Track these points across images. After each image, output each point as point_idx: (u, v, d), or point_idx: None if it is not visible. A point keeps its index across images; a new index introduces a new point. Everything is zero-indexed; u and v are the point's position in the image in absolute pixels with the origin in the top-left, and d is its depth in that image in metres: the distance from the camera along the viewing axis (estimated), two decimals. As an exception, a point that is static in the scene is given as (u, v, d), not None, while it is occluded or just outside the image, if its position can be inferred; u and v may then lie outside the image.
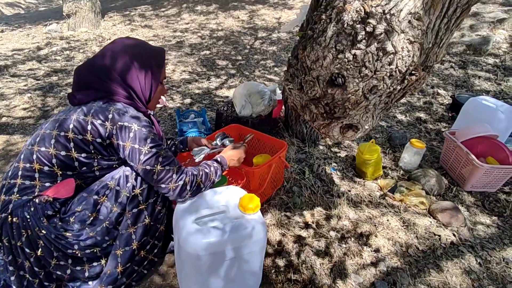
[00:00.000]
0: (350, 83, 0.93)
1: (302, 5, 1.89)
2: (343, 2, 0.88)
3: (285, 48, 4.40)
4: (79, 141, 1.04)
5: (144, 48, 1.14)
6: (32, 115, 2.56)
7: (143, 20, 5.62)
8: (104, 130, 1.03)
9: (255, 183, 1.58)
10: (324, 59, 0.93)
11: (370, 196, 1.87)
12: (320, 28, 0.94)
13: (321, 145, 2.34)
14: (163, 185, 1.07)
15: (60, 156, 1.04)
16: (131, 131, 1.03)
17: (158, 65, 1.16)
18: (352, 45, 0.89)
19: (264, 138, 1.84)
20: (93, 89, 1.07)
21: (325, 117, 1.07)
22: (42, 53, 4.04)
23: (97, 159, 1.08)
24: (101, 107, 1.05)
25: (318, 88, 1.01)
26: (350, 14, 0.86)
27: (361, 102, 0.97)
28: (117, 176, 1.08)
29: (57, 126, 1.06)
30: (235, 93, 2.25)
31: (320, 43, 0.93)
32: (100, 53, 1.11)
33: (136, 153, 1.03)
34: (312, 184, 1.89)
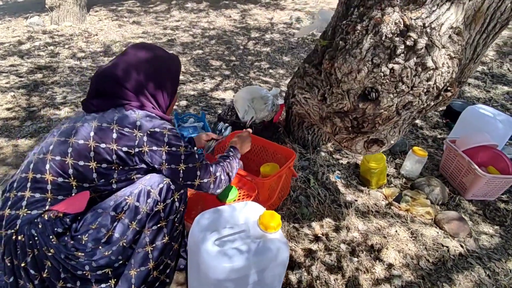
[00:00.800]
0: (384, 98, 0.89)
1: (319, 10, 1.84)
2: (381, 13, 0.83)
3: (279, 49, 4.35)
4: (101, 150, 0.97)
5: (163, 57, 1.12)
6: (17, 115, 2.39)
7: (131, 16, 5.43)
8: (133, 138, 0.98)
9: (265, 194, 1.52)
10: (358, 73, 0.88)
11: (377, 206, 1.85)
12: (355, 39, 0.89)
13: (323, 151, 2.30)
14: (205, 179, 1.11)
15: (78, 166, 0.96)
16: (164, 136, 1.01)
17: (177, 74, 1.16)
18: (389, 58, 0.85)
19: (271, 146, 1.79)
20: (114, 96, 1.03)
21: (351, 131, 1.03)
22: (24, 48, 3.80)
23: (117, 170, 1.00)
24: (125, 114, 1.01)
25: (347, 101, 0.96)
26: (389, 26, 0.82)
27: (393, 118, 0.93)
28: (136, 191, 0.99)
29: (74, 133, 0.99)
30: (237, 97, 2.18)
31: (355, 55, 0.88)
32: (120, 61, 1.06)
33: (176, 155, 1.03)
34: (318, 193, 1.85)
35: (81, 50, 3.89)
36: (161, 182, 1.01)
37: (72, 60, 3.58)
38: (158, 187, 1.00)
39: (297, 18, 5.26)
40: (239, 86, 3.32)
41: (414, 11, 0.81)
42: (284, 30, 4.96)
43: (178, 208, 1.06)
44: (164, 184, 1.01)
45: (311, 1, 6.13)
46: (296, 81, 1.47)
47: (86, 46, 4.03)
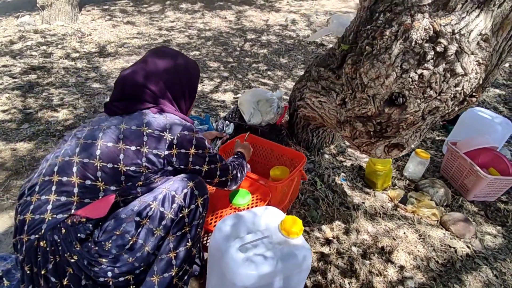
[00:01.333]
0: (411, 104, 0.90)
1: (333, 15, 1.84)
2: (411, 19, 0.84)
3: (275, 51, 4.35)
4: (131, 153, 0.96)
5: (184, 63, 1.14)
6: (13, 118, 2.31)
7: (125, 16, 5.34)
8: (163, 141, 0.99)
9: (277, 198, 1.51)
10: (386, 78, 0.89)
11: (383, 208, 1.87)
12: (383, 45, 0.89)
13: (326, 153, 2.31)
14: (224, 178, 1.17)
15: (106, 168, 0.95)
16: (192, 138, 1.04)
17: (197, 79, 1.19)
18: (418, 64, 0.85)
19: (281, 149, 1.78)
20: (139, 99, 1.04)
21: (372, 135, 1.03)
22: (15, 48, 3.69)
23: (145, 172, 0.99)
24: (153, 117, 1.02)
25: (372, 106, 0.96)
26: (419, 32, 0.82)
27: (417, 123, 0.94)
28: (161, 197, 0.97)
29: (101, 136, 0.97)
30: (242, 100, 2.16)
31: (383, 61, 0.88)
32: (144, 65, 1.07)
33: (202, 157, 1.07)
34: (326, 196, 1.85)
35: (75, 51, 3.80)
36: (185, 187, 1.00)
37: (66, 60, 3.50)
38: (182, 192, 0.99)
39: (293, 20, 5.28)
40: (238, 88, 3.30)
41: (443, 17, 0.82)
42: (280, 32, 4.97)
43: (202, 213, 1.05)
44: (188, 189, 1.00)
45: (305, 3, 6.16)
46: (307, 84, 1.46)
47: (80, 46, 3.94)
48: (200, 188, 1.03)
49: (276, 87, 3.42)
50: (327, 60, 1.21)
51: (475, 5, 0.81)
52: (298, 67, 3.94)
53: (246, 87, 3.36)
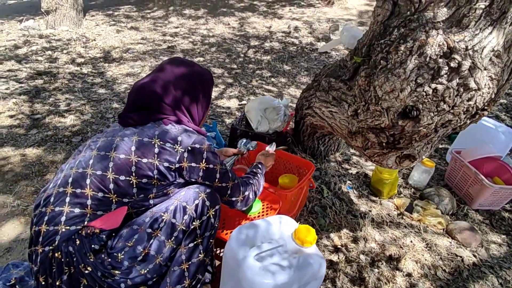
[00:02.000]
0: (425, 117, 0.92)
1: (344, 26, 1.88)
2: (426, 35, 0.86)
3: (279, 58, 4.39)
4: (142, 165, 0.96)
5: (200, 74, 1.15)
6: (21, 123, 2.33)
7: (129, 21, 5.38)
8: (174, 153, 0.99)
9: (286, 206, 1.53)
10: (401, 91, 0.91)
11: (390, 216, 1.89)
12: (398, 59, 0.92)
13: (332, 161, 2.33)
14: (234, 198, 1.14)
15: (119, 180, 0.95)
16: (202, 152, 1.02)
17: (211, 89, 1.19)
18: (432, 79, 0.88)
19: (289, 157, 1.80)
20: (152, 110, 1.04)
21: (384, 146, 1.05)
22: (20, 52, 3.72)
23: (157, 185, 0.99)
24: (165, 129, 1.01)
25: (385, 118, 0.98)
26: (433, 48, 0.85)
27: (430, 135, 0.97)
28: (172, 208, 0.98)
29: (114, 147, 0.98)
30: (249, 107, 2.19)
31: (398, 75, 0.91)
32: (158, 76, 1.07)
33: (212, 172, 1.05)
34: (333, 204, 1.87)
35: (80, 56, 3.83)
36: (196, 197, 1.01)
37: (72, 65, 3.52)
38: (193, 203, 1.00)
39: (295, 27, 5.33)
40: (243, 94, 3.33)
41: (457, 34, 0.85)
42: (283, 38, 5.01)
43: (214, 224, 1.06)
44: (200, 199, 1.01)
45: (308, 10, 6.23)
46: (316, 94, 1.49)
47: (85, 52, 3.97)
48: (211, 199, 1.04)
49: (280, 94, 3.45)
50: (338, 71, 1.24)
51: (488, 23, 0.84)
52: (301, 74, 3.98)
53: (251, 93, 3.39)
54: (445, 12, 0.88)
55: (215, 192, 1.08)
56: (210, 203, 1.03)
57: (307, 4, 6.59)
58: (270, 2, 6.73)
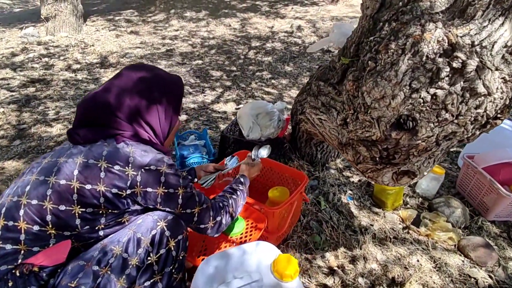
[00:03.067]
0: (423, 128, 0.76)
1: (334, 23, 1.72)
2: (421, 30, 0.70)
3: (280, 59, 4.24)
4: (86, 192, 0.82)
5: (164, 79, 0.99)
6: (5, 134, 2.24)
7: (129, 25, 5.32)
8: (125, 178, 0.84)
9: (275, 224, 1.38)
10: (392, 98, 0.75)
11: (394, 231, 1.71)
12: (388, 60, 0.76)
13: (332, 168, 2.16)
14: (203, 225, 0.99)
15: (58, 211, 0.81)
16: (160, 174, 0.87)
17: (179, 98, 1.02)
18: (431, 83, 0.72)
19: (281, 168, 1.65)
20: (102, 126, 0.89)
21: (378, 161, 0.89)
22: (17, 60, 3.68)
23: (106, 214, 0.85)
24: (115, 148, 0.86)
25: (377, 130, 0.83)
26: (431, 45, 0.69)
27: (431, 149, 0.80)
28: (125, 240, 0.84)
29: (56, 171, 0.84)
30: (241, 113, 2.04)
31: (388, 79, 0.75)
32: (112, 85, 0.93)
33: (173, 198, 0.91)
34: (331, 218, 1.71)
35: (77, 62, 3.77)
36: (153, 227, 0.86)
37: (67, 72, 3.45)
38: (150, 234, 0.85)
39: (298, 27, 5.16)
40: (241, 98, 3.19)
41: (460, 27, 0.69)
42: (285, 39, 4.86)
43: (176, 257, 0.91)
44: (158, 229, 0.87)
45: (311, 9, 6.05)
46: (307, 99, 1.33)
47: (82, 58, 3.91)
48: (173, 228, 0.89)
49: (280, 96, 3.30)
50: (327, 74, 1.08)
51: (498, 12, 0.67)
52: (303, 74, 3.82)
53: (249, 96, 3.25)
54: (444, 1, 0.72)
55: (178, 220, 0.93)
56: (171, 233, 0.89)
57: (310, 3, 6.42)
58: (272, 2, 6.58)
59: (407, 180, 0.94)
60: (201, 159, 1.87)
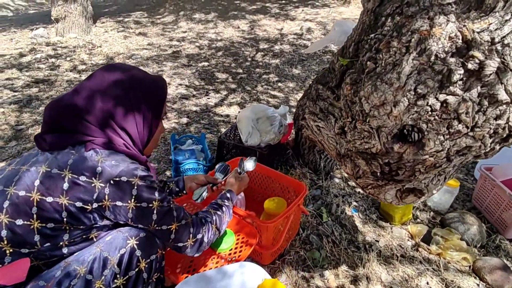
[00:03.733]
0: (431, 141, 0.64)
1: (336, 21, 1.61)
2: (429, 24, 0.59)
3: (288, 61, 4.13)
4: (46, 205, 0.74)
5: (141, 79, 0.89)
6: (2, 135, 2.21)
7: (138, 27, 5.32)
8: (91, 190, 0.75)
9: (269, 239, 1.27)
10: (394, 106, 0.64)
11: (401, 248, 1.57)
12: (390, 60, 0.64)
13: (337, 177, 2.04)
14: (181, 243, 0.89)
15: (14, 226, 0.73)
16: (132, 187, 0.78)
17: (160, 100, 0.92)
18: (440, 87, 0.60)
19: (280, 178, 1.54)
20: (71, 131, 0.80)
21: (379, 177, 0.78)
22: (24, 61, 3.69)
23: (69, 230, 0.76)
24: (83, 157, 0.77)
25: (377, 142, 0.71)
26: (441, 42, 0.58)
27: (440, 165, 0.68)
28: (90, 259, 0.75)
29: (16, 180, 0.76)
30: (240, 117, 1.94)
31: (390, 82, 0.64)
32: (83, 86, 0.84)
33: (146, 213, 0.81)
34: (332, 232, 1.58)
35: (83, 63, 3.75)
36: (123, 245, 0.77)
37: (72, 73, 3.44)
38: (118, 253, 0.76)
39: (308, 29, 5.05)
40: (245, 101, 3.10)
41: (477, 21, 0.57)
42: (294, 41, 4.75)
43: (148, 280, 0.81)
44: (127, 248, 0.77)
45: (322, 11, 5.92)
46: (307, 103, 1.22)
47: (88, 58, 3.90)
48: (145, 247, 0.80)
49: (287, 100, 3.19)
50: (327, 76, 0.96)
51: (525, 3, 0.55)
52: (311, 78, 3.70)
53: (254, 100, 3.15)
54: (458, -11, 0.61)
55: (152, 237, 0.84)
56: (143, 252, 0.79)
57: (321, 5, 6.30)
58: (282, 4, 6.48)
59: (413, 199, 0.81)
60: (197, 165, 1.78)
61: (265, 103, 3.08)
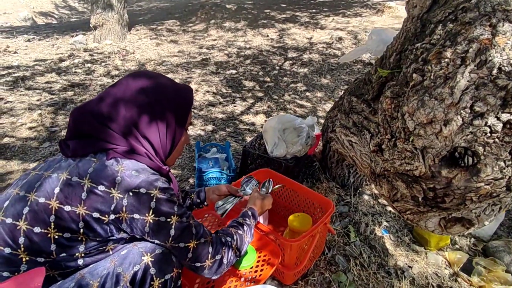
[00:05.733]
0: (488, 167, 0.55)
1: (373, 29, 1.53)
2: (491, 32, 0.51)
3: (317, 70, 4.05)
4: (65, 214, 0.72)
5: (166, 87, 0.87)
6: (37, 136, 2.30)
7: (170, 34, 5.47)
8: (109, 200, 0.73)
9: (292, 258, 1.19)
10: (445, 124, 0.56)
11: (438, 277, 1.43)
12: (441, 72, 0.57)
13: (366, 194, 1.92)
14: (199, 263, 0.84)
15: (32, 233, 0.71)
16: (151, 199, 0.75)
17: (184, 109, 0.89)
18: (503, 106, 0.52)
19: (304, 192, 1.46)
20: (93, 138, 0.79)
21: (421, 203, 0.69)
22: (63, 65, 3.88)
23: (85, 242, 0.74)
24: (103, 165, 0.76)
25: (421, 164, 0.63)
26: (505, 54, 0.49)
27: (498, 195, 0.59)
28: (104, 273, 0.72)
29: (37, 186, 0.75)
30: (267, 126, 1.89)
31: (440, 98, 0.56)
32: (107, 93, 0.83)
33: (163, 228, 0.77)
34: (360, 253, 1.47)
35: (116, 68, 3.89)
36: (137, 262, 0.73)
37: (105, 78, 3.56)
38: (131, 270, 0.72)
39: (339, 38, 4.95)
40: (272, 109, 3.05)
41: (554, 28, 0.48)
42: (323, 50, 4.67)
43: None
44: (141, 266, 0.74)
45: (353, 20, 5.80)
46: (338, 116, 1.15)
47: (121, 64, 4.03)
48: (160, 265, 0.76)
49: (314, 110, 3.11)
50: (362, 88, 0.89)
51: None
52: (340, 88, 3.59)
53: (281, 109, 3.10)
54: (528, -7, 0.52)
55: (169, 254, 0.79)
56: (157, 270, 0.75)
57: (353, 14, 6.17)
58: (313, 13, 6.43)
59: (460, 230, 0.71)
60: (220, 174, 1.74)
61: (292, 113, 3.01)
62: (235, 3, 7.34)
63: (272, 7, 7.07)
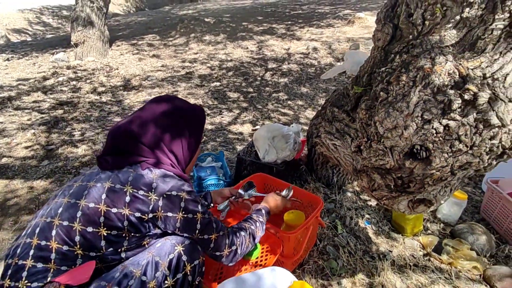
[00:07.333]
0: (437, 158, 0.76)
1: (347, 52, 1.76)
2: (431, 63, 0.72)
3: (296, 80, 4.30)
4: (112, 215, 0.87)
5: (184, 109, 1.06)
6: (35, 154, 2.37)
7: (151, 49, 5.58)
8: (148, 202, 0.89)
9: (290, 248, 1.37)
10: (405, 129, 0.77)
11: (414, 258, 1.66)
12: (400, 91, 0.78)
13: (349, 191, 2.14)
14: (218, 252, 1.01)
15: (86, 232, 0.87)
16: (181, 200, 0.92)
17: (201, 128, 1.10)
18: (443, 114, 0.73)
19: (297, 192, 1.65)
20: (129, 153, 0.96)
21: (393, 189, 0.89)
22: (48, 84, 3.92)
23: (128, 237, 0.90)
24: (140, 174, 0.92)
25: (391, 159, 0.84)
26: (442, 78, 0.71)
27: (446, 178, 0.80)
28: (144, 263, 0.88)
29: (86, 194, 0.91)
30: (257, 135, 2.08)
31: (400, 110, 0.77)
32: (137, 115, 1.01)
33: (191, 223, 0.94)
34: (348, 243, 1.68)
35: (102, 85, 3.97)
36: (171, 251, 0.90)
37: (92, 95, 3.64)
38: (168, 258, 0.89)
39: (314, 48, 5.25)
40: (257, 119, 3.25)
41: (471, 60, 0.70)
42: (301, 60, 4.94)
43: (192, 282, 0.93)
44: (175, 254, 0.90)
45: (327, 31, 6.15)
46: (322, 123, 1.35)
47: (106, 81, 4.12)
48: (190, 253, 0.92)
49: (296, 117, 3.33)
50: (341, 100, 1.10)
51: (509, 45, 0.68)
52: (319, 95, 3.85)
53: (266, 118, 3.30)
54: (454, 35, 0.74)
55: (195, 245, 0.96)
56: (188, 257, 0.92)
57: (326, 25, 6.53)
58: (289, 24, 6.75)
59: (423, 208, 0.93)
60: (218, 181, 1.91)
61: (277, 121, 3.22)
62: (213, 16, 7.56)
63: (249, 20, 7.34)
